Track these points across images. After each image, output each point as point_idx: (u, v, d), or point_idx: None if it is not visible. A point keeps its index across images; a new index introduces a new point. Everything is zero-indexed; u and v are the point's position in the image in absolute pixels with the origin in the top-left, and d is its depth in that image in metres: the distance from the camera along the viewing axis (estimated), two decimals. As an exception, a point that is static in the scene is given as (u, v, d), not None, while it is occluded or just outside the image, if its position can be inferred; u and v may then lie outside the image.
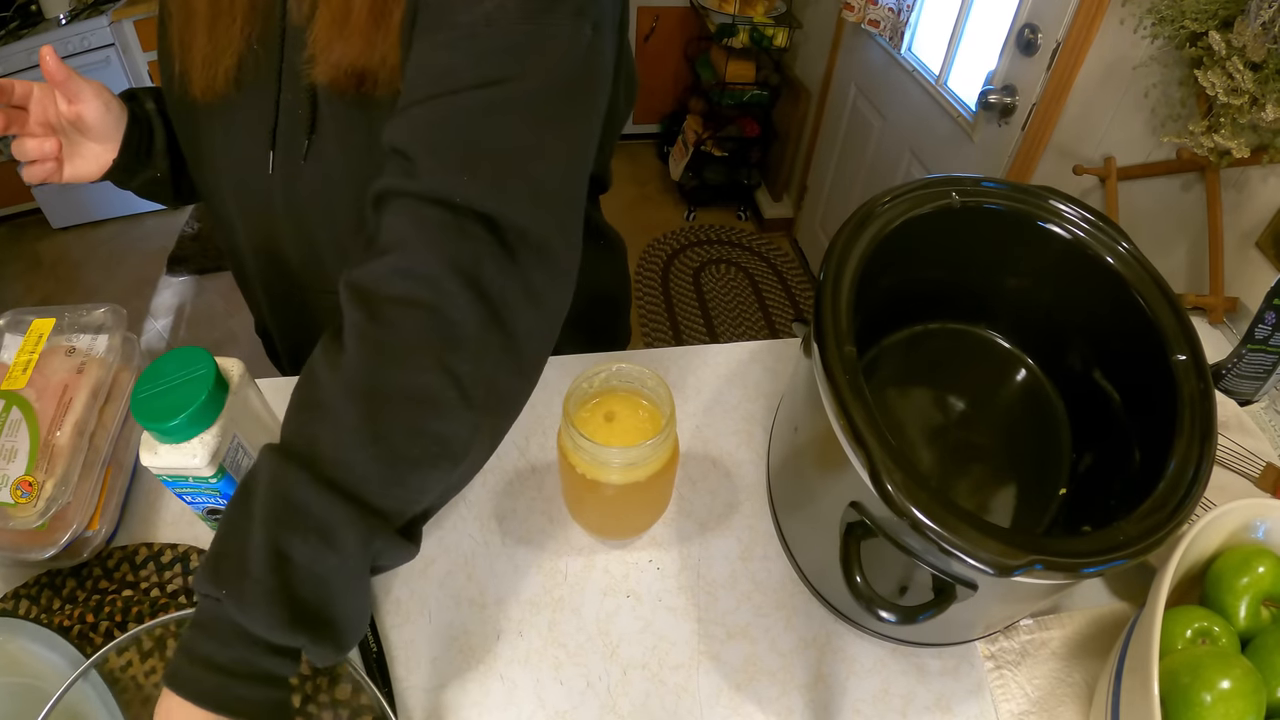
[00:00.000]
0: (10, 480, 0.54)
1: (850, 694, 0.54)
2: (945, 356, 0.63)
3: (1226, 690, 0.43)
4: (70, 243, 2.80)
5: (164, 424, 0.49)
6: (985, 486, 0.58)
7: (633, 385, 0.54)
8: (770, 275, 2.46)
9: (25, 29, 2.47)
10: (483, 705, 0.53)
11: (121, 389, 0.63)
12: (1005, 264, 0.58)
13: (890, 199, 0.53)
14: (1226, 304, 0.89)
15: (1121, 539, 0.41)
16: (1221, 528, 0.52)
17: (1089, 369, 0.56)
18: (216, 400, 0.51)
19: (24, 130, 0.59)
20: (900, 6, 1.66)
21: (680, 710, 0.53)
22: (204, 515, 0.57)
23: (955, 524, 0.39)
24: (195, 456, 0.50)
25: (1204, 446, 0.44)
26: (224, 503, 0.55)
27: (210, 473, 0.51)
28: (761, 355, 0.76)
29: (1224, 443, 0.65)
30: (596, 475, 0.51)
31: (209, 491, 0.53)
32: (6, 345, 0.62)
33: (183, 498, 0.55)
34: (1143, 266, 0.52)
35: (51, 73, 0.56)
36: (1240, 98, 0.82)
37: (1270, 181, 0.89)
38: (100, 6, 2.49)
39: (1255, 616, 0.50)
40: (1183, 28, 0.89)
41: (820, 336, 0.46)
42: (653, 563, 0.60)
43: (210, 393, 0.50)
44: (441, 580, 0.59)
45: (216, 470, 0.52)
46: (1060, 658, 0.56)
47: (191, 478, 0.52)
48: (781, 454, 0.60)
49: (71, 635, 0.53)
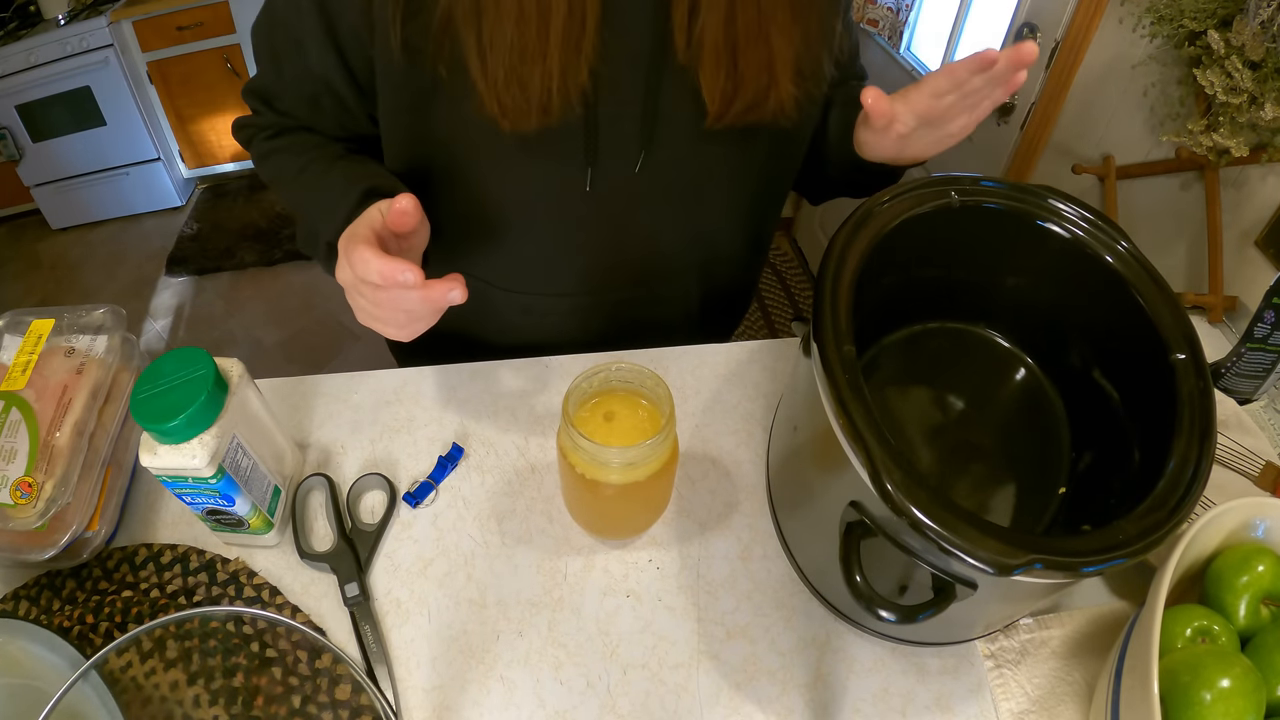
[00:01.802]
0: (10, 481, 0.54)
1: (850, 693, 0.54)
2: (945, 356, 0.63)
3: (1226, 689, 0.43)
4: (69, 243, 2.80)
5: (163, 425, 0.49)
6: (985, 486, 0.58)
7: (632, 385, 0.54)
8: (769, 275, 2.46)
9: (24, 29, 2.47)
10: (483, 705, 0.53)
11: (121, 389, 0.63)
12: (1004, 263, 0.58)
13: (889, 198, 0.53)
14: (1225, 303, 0.89)
15: (1121, 538, 0.41)
16: (1221, 526, 0.52)
17: (1088, 368, 0.56)
18: (215, 401, 0.51)
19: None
20: (899, 6, 1.66)
21: (680, 710, 0.53)
22: (203, 516, 0.57)
23: (955, 523, 0.39)
24: (195, 457, 0.50)
25: (1203, 445, 0.44)
26: (224, 503, 0.54)
27: (210, 473, 0.51)
28: (761, 355, 0.76)
29: (1223, 441, 0.65)
30: (596, 475, 0.51)
31: (208, 492, 0.53)
32: (6, 346, 0.62)
33: (182, 498, 0.54)
34: (1142, 265, 0.52)
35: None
36: (1239, 96, 0.82)
37: (1269, 180, 0.89)
38: (99, 7, 2.49)
39: (1255, 615, 0.50)
40: (1181, 26, 0.89)
41: (819, 336, 0.46)
42: (652, 562, 0.60)
43: (209, 393, 0.50)
44: (441, 580, 0.59)
45: (216, 471, 0.51)
46: (1060, 657, 0.56)
47: (191, 478, 0.52)
48: (781, 453, 0.60)
49: (71, 636, 0.53)
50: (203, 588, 0.59)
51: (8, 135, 2.55)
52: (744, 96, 0.59)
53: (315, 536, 0.62)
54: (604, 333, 0.78)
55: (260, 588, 0.59)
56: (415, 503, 0.63)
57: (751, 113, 0.60)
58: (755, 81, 0.58)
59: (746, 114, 0.60)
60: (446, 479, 0.65)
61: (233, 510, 0.55)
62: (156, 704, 0.53)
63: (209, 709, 0.53)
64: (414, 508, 0.63)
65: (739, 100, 0.59)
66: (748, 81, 0.58)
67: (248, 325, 2.38)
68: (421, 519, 0.63)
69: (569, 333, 0.77)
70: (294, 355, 2.29)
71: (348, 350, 2.28)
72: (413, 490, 0.64)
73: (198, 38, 2.56)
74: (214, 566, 0.60)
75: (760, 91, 0.59)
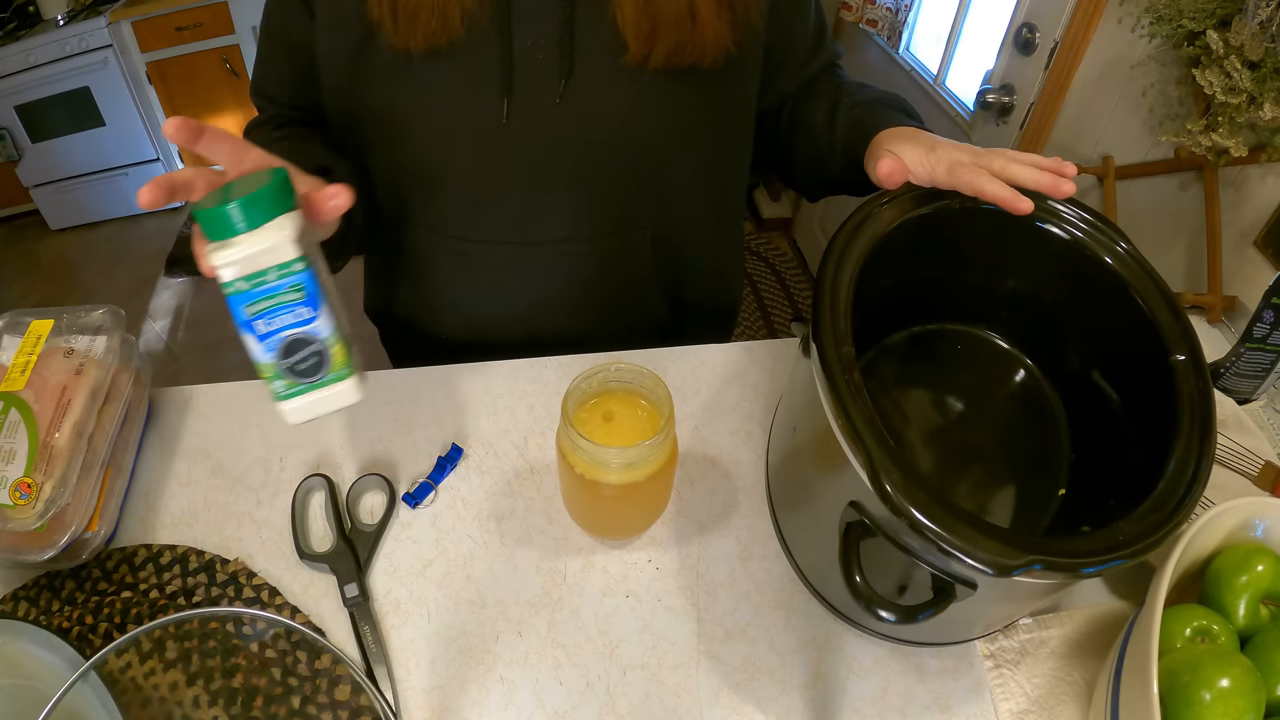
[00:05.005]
0: (9, 482, 0.54)
1: (850, 693, 0.54)
2: (944, 357, 0.63)
3: (1226, 688, 0.43)
4: (69, 244, 2.80)
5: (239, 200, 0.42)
6: (984, 486, 0.58)
7: (631, 385, 0.54)
8: (769, 275, 2.46)
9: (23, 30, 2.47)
10: (482, 705, 0.53)
11: (120, 390, 0.63)
12: (1004, 264, 0.58)
13: (889, 199, 0.53)
14: (1225, 303, 0.89)
15: (1121, 539, 0.41)
16: (1220, 526, 0.52)
17: (1088, 369, 0.56)
18: (289, 189, 0.45)
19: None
20: (898, 6, 1.66)
21: (680, 710, 0.53)
22: (274, 363, 0.46)
23: (954, 524, 0.39)
24: (283, 230, 0.43)
25: (1203, 446, 0.44)
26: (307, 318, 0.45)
27: (295, 254, 0.43)
28: (760, 355, 0.76)
29: (1223, 441, 0.65)
30: (595, 475, 0.51)
31: (292, 295, 0.44)
32: (5, 346, 0.62)
33: (252, 326, 0.45)
34: (1141, 266, 0.52)
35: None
36: (1238, 96, 0.82)
37: (1268, 180, 0.89)
38: (98, 7, 2.49)
39: (1254, 615, 0.50)
40: (1180, 26, 0.89)
41: (819, 336, 0.46)
42: (652, 563, 0.60)
43: (283, 179, 0.45)
44: (440, 581, 0.59)
45: (301, 255, 0.44)
46: (1060, 656, 0.56)
47: (275, 271, 0.44)
48: (780, 454, 0.60)
49: (70, 637, 0.53)
50: (202, 588, 0.59)
51: (7, 136, 2.55)
52: (665, 35, 0.59)
53: (315, 537, 0.62)
54: (567, 296, 0.76)
55: (260, 588, 0.59)
56: (415, 503, 0.63)
57: (677, 55, 0.60)
58: (675, 16, 0.59)
59: (672, 56, 0.61)
60: (446, 479, 0.65)
61: (315, 330, 0.46)
62: (156, 705, 0.53)
63: (208, 709, 0.53)
64: (413, 508, 0.63)
65: (660, 39, 0.60)
66: (666, 16, 0.58)
67: (247, 326, 2.38)
68: (421, 519, 0.63)
69: (522, 294, 0.76)
70: (293, 356, 2.28)
71: (347, 351, 2.28)
72: (412, 491, 0.64)
73: (197, 38, 2.56)
74: (213, 567, 0.60)
75: (683, 29, 0.59)
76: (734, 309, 0.93)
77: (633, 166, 0.69)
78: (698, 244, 0.79)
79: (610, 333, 0.78)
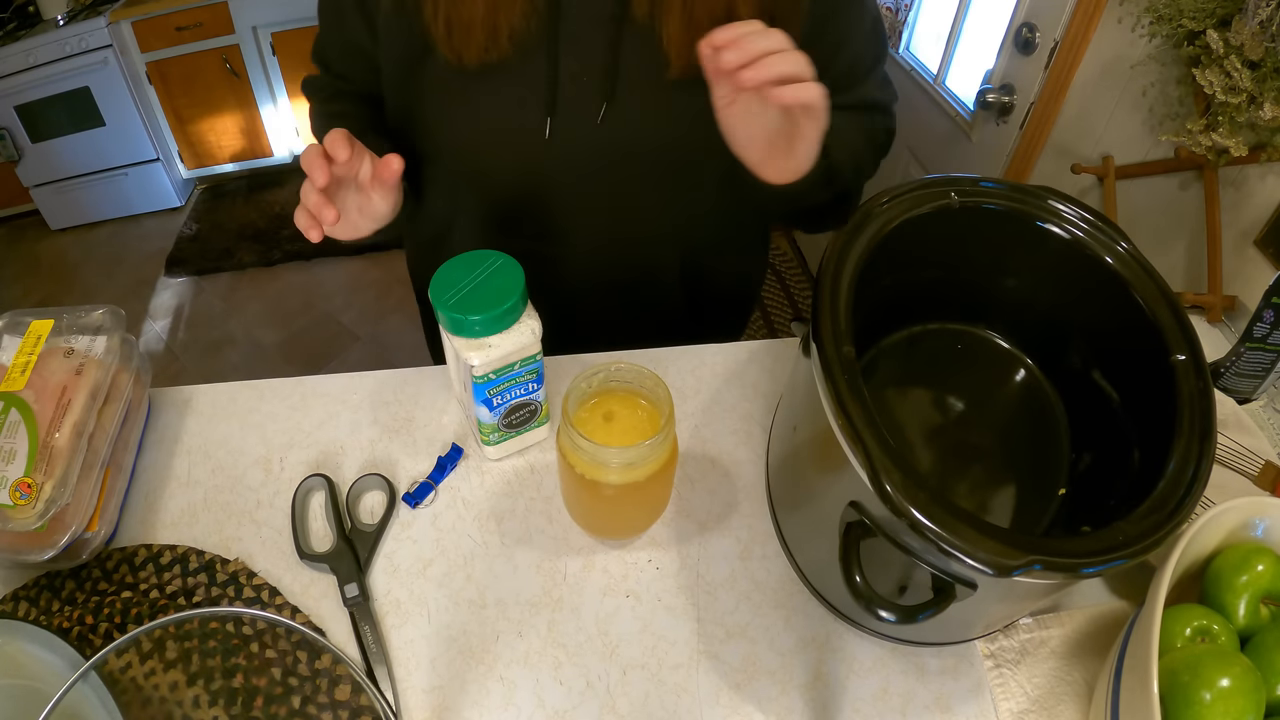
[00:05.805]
0: (9, 482, 0.54)
1: (850, 693, 0.54)
2: (944, 357, 0.63)
3: (1226, 688, 0.43)
4: (68, 244, 2.80)
5: (499, 309, 0.50)
6: (984, 486, 0.58)
7: (631, 385, 0.54)
8: (769, 275, 2.46)
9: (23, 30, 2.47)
10: (482, 705, 0.53)
11: (120, 390, 0.63)
12: (1004, 264, 0.58)
13: (889, 199, 0.53)
14: (1225, 302, 0.89)
15: (1121, 539, 0.41)
16: (1220, 526, 0.52)
17: (1088, 369, 0.56)
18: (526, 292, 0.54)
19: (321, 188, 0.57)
20: (898, 6, 1.66)
21: (680, 710, 0.53)
22: (497, 424, 0.58)
23: (954, 524, 0.39)
24: (532, 332, 0.52)
25: (1203, 445, 0.44)
26: (534, 387, 0.57)
27: (538, 349, 0.53)
28: (760, 355, 0.76)
29: (1223, 441, 0.65)
30: (595, 475, 0.51)
31: (528, 375, 0.55)
32: (5, 346, 0.62)
33: (489, 402, 0.55)
34: (1141, 266, 0.52)
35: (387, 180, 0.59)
36: (1238, 96, 0.82)
37: (1268, 180, 0.89)
38: (98, 7, 2.49)
39: (1254, 614, 0.50)
40: (1180, 26, 0.89)
41: (819, 336, 0.46)
42: (652, 562, 0.60)
43: (523, 287, 0.53)
44: (440, 581, 0.59)
45: (540, 349, 0.54)
46: (1060, 656, 0.56)
47: (519, 364, 0.53)
48: (780, 454, 0.60)
49: (71, 637, 0.53)
50: (202, 588, 0.59)
51: (7, 136, 2.55)
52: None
53: (315, 537, 0.62)
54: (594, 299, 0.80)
55: (260, 588, 0.59)
56: (415, 503, 0.63)
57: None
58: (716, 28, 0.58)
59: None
60: (446, 479, 0.65)
61: (537, 396, 0.57)
62: (156, 705, 0.53)
63: (209, 709, 0.53)
64: (413, 508, 0.63)
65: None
66: (707, 30, 0.58)
67: (247, 326, 2.38)
68: (421, 519, 0.63)
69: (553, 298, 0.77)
70: (293, 356, 2.28)
71: (347, 351, 2.28)
72: (412, 491, 0.64)
73: (197, 38, 2.56)
74: (213, 567, 0.60)
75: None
76: (750, 311, 0.93)
77: (666, 178, 0.72)
78: (724, 249, 0.81)
79: (628, 334, 0.79)
